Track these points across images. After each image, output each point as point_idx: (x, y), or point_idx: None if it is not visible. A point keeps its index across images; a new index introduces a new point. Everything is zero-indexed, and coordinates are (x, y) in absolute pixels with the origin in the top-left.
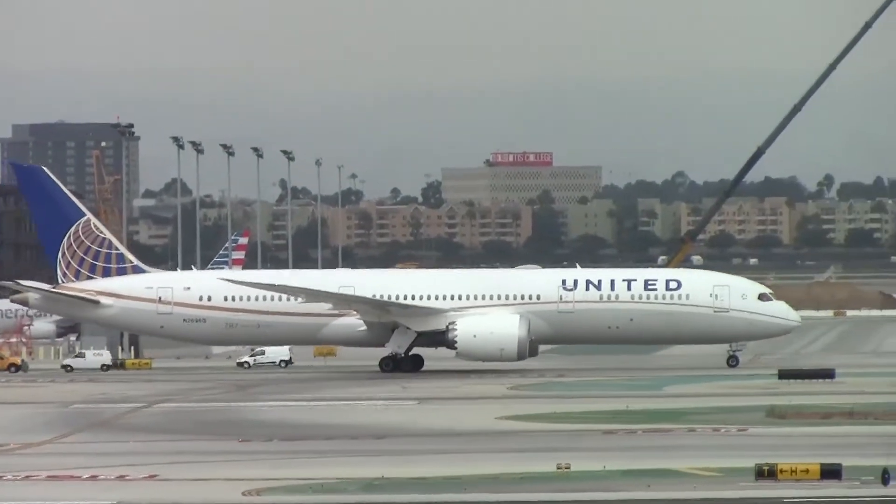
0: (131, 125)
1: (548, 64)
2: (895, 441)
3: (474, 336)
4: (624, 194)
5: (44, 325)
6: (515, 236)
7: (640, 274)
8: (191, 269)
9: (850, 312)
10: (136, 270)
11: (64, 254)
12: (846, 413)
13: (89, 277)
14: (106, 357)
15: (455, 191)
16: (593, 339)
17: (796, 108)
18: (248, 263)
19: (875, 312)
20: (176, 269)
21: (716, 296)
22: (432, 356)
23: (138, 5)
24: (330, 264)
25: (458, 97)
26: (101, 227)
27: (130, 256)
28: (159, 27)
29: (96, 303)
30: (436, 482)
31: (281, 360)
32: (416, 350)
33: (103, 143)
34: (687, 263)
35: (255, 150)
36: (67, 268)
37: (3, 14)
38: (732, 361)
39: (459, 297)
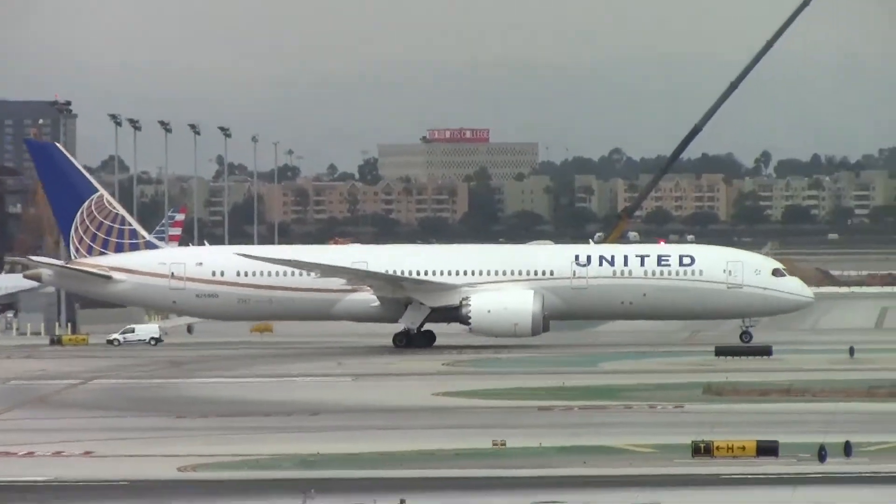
0: (69, 103)
1: (485, 42)
2: (832, 418)
3: (488, 311)
4: (560, 171)
5: None
6: (452, 213)
7: (654, 250)
8: (203, 244)
9: None
10: (149, 246)
11: (77, 230)
12: (783, 390)
13: (102, 253)
14: None
15: (392, 167)
16: (607, 315)
17: (733, 86)
18: (185, 239)
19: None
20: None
21: (729, 271)
22: (443, 332)
23: None
24: (266, 241)
25: (395, 74)
26: (115, 203)
27: (143, 232)
28: (101, 9)
29: (109, 278)
30: (371, 458)
31: (151, 338)
32: (427, 326)
33: (41, 121)
34: (623, 240)
35: (193, 126)
36: (80, 244)
37: None
38: (745, 337)
39: (473, 273)
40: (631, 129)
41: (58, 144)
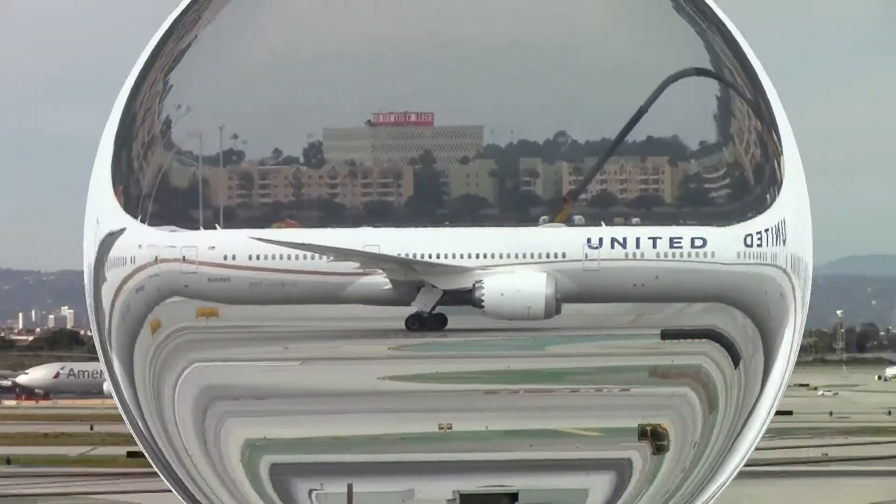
0: None
1: (428, 22)
2: None
3: (501, 294)
4: (505, 154)
5: None
6: (397, 196)
7: (666, 231)
8: (214, 227)
9: None
10: None
11: None
12: None
13: None
14: None
15: (337, 151)
16: (619, 297)
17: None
18: None
19: None
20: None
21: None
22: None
23: None
24: (211, 225)
25: (340, 56)
26: None
27: None
28: None
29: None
30: (318, 442)
31: None
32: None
33: None
34: (569, 223)
35: None
36: None
37: None
38: None
39: (485, 256)
40: (575, 111)
41: None
